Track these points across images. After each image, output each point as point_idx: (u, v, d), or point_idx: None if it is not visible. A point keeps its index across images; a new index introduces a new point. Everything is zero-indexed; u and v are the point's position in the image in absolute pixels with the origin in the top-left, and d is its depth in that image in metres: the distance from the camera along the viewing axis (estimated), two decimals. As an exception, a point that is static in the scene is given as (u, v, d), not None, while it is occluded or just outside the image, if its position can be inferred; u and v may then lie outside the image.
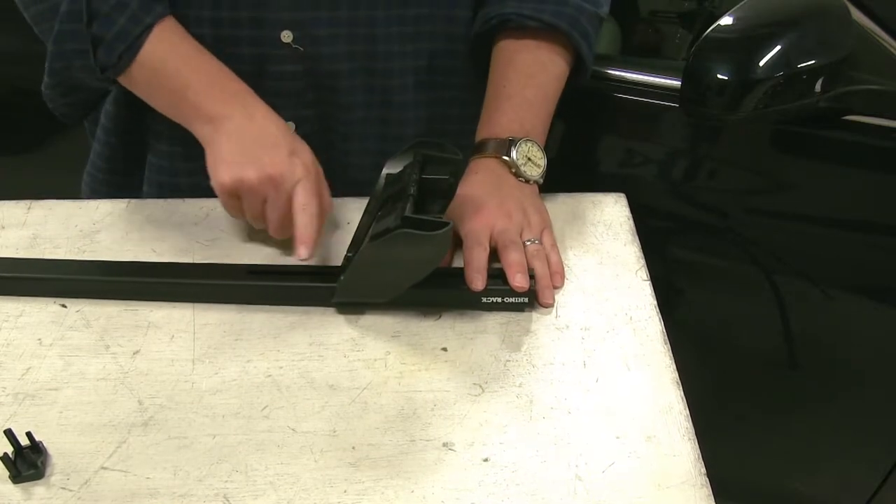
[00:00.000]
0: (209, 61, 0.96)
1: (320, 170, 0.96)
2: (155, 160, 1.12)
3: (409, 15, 1.02)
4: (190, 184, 1.10)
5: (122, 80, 0.97)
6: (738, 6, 1.07)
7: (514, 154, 0.97)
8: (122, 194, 1.12)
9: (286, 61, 1.02)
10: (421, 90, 1.09)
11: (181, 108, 0.95)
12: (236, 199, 0.92)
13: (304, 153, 0.93)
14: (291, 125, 1.06)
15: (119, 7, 0.92)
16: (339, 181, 1.08)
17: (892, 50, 1.10)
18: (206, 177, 0.93)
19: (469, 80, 1.10)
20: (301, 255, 0.88)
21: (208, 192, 0.93)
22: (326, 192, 0.96)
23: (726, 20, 1.06)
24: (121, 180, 1.17)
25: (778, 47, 1.04)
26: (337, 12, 1.00)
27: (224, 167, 0.90)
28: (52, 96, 1.04)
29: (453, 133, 1.09)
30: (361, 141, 1.09)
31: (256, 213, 0.92)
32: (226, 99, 0.94)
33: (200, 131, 0.94)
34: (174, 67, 0.94)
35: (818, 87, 1.06)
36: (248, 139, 0.91)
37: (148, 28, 0.92)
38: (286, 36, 1.00)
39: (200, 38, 0.98)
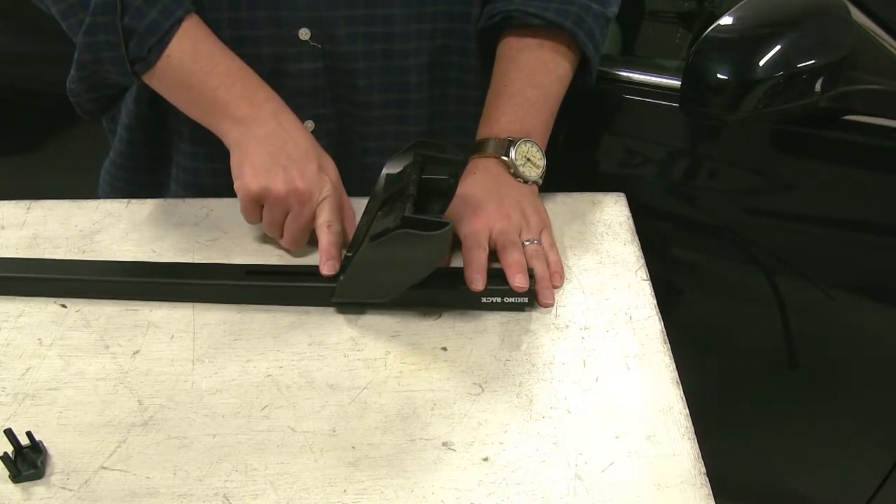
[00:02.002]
0: (237, 63, 0.96)
1: (342, 186, 0.96)
2: (180, 159, 1.12)
3: (426, 12, 1.03)
4: (213, 185, 1.10)
5: (148, 76, 0.96)
6: (738, 6, 1.07)
7: (513, 154, 0.97)
8: (145, 193, 1.13)
9: (304, 59, 1.02)
10: (436, 87, 1.09)
11: (207, 107, 0.95)
12: (258, 206, 0.92)
13: (331, 169, 0.94)
14: (310, 123, 1.06)
15: (151, 0, 0.92)
16: (357, 179, 1.08)
17: (892, 50, 1.10)
18: (230, 180, 0.93)
19: (482, 77, 1.10)
20: (327, 272, 0.89)
21: (231, 195, 0.93)
22: (349, 206, 0.97)
23: (726, 20, 1.06)
24: (144, 178, 1.17)
25: (778, 47, 1.03)
26: (354, 10, 1.00)
27: (251, 172, 0.91)
28: (77, 91, 1.04)
29: (470, 130, 1.09)
30: (379, 139, 1.10)
31: (276, 222, 0.93)
32: (257, 102, 0.94)
33: (229, 132, 0.94)
34: (203, 66, 0.94)
35: (818, 87, 1.06)
36: (279, 147, 0.92)
37: (178, 21, 0.93)
38: (304, 34, 1.00)
39: (219, 40, 0.98)
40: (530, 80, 1.01)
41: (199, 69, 0.94)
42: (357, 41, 1.02)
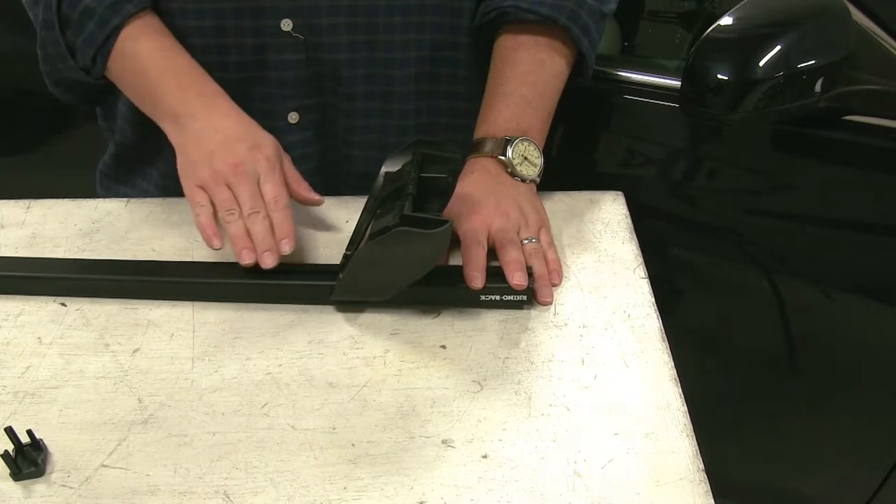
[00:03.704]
0: (175, 59, 0.96)
1: (287, 161, 0.94)
2: (162, 166, 1.13)
3: (413, 5, 1.02)
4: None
5: (108, 75, 0.98)
6: (738, 6, 1.07)
7: (510, 153, 0.97)
8: (138, 186, 1.14)
9: (287, 50, 1.02)
10: (423, 81, 1.09)
11: (150, 105, 0.97)
12: (204, 197, 0.90)
13: (267, 146, 0.92)
14: (295, 115, 1.06)
15: (87, 12, 0.94)
16: (343, 172, 1.08)
17: (892, 50, 1.10)
18: None
19: (474, 73, 1.10)
20: (284, 251, 0.86)
21: None
22: (298, 182, 0.94)
23: (726, 20, 1.06)
24: (140, 169, 1.18)
25: (778, 47, 1.04)
26: (338, 1, 1.00)
27: (189, 171, 0.91)
28: (58, 92, 1.06)
29: (460, 127, 1.09)
30: (364, 132, 1.10)
31: (226, 204, 0.88)
32: (188, 98, 0.94)
33: (169, 129, 0.95)
34: (143, 66, 0.95)
35: (818, 87, 1.06)
36: (210, 137, 0.91)
37: (116, 29, 0.94)
38: (286, 24, 1.00)
39: (202, 31, 0.99)
40: (526, 78, 1.01)
41: (139, 69, 0.95)
42: (340, 32, 1.02)
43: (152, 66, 0.95)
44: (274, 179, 0.89)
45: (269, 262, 0.86)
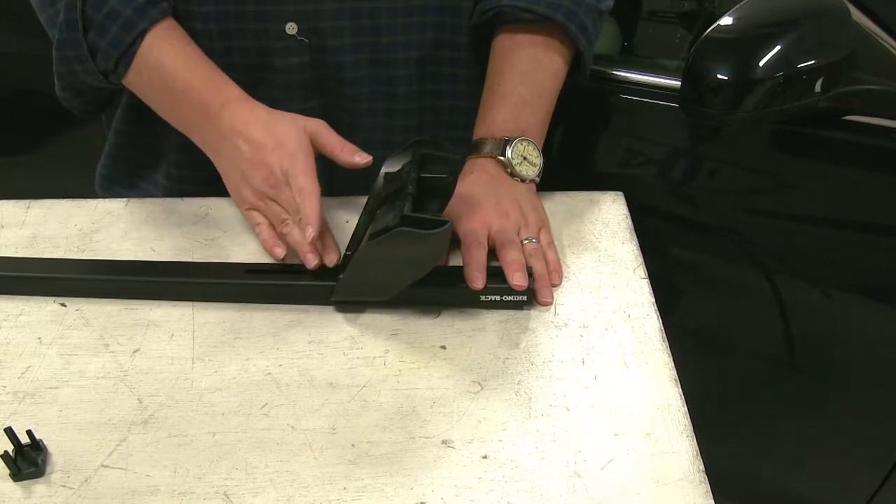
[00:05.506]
0: (199, 71, 0.96)
1: (323, 132, 0.94)
2: (165, 167, 1.13)
3: (415, 5, 1.02)
4: (194, 194, 1.10)
5: (126, 82, 0.98)
6: (738, 6, 1.07)
7: (509, 153, 0.97)
8: (137, 188, 1.14)
9: (292, 53, 1.02)
10: (426, 81, 1.09)
11: (173, 115, 0.97)
12: (259, 215, 0.95)
13: (288, 139, 0.91)
14: None
15: (112, 15, 0.93)
16: (346, 172, 1.08)
17: (892, 50, 1.10)
18: (214, 191, 0.96)
19: (475, 72, 1.10)
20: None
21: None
22: (339, 148, 0.94)
23: (726, 20, 1.06)
24: (139, 171, 1.18)
25: (778, 47, 1.04)
26: (341, 4, 1.00)
27: (235, 197, 0.95)
28: (65, 97, 1.05)
29: (462, 125, 1.09)
30: (368, 132, 1.10)
31: (275, 211, 0.93)
32: (211, 113, 0.94)
33: (196, 141, 0.96)
34: (165, 79, 0.95)
35: (818, 87, 1.06)
36: (241, 156, 0.92)
37: (142, 33, 0.94)
38: (290, 28, 1.00)
39: (207, 34, 0.99)
40: (524, 78, 1.01)
41: (162, 82, 0.95)
42: (344, 35, 1.02)
43: (184, 69, 0.95)
44: (295, 171, 0.90)
45: (332, 258, 0.91)
